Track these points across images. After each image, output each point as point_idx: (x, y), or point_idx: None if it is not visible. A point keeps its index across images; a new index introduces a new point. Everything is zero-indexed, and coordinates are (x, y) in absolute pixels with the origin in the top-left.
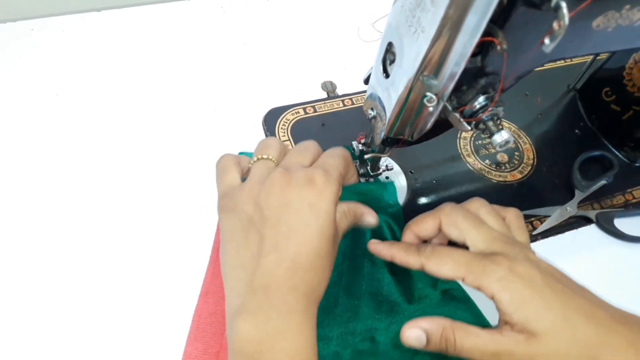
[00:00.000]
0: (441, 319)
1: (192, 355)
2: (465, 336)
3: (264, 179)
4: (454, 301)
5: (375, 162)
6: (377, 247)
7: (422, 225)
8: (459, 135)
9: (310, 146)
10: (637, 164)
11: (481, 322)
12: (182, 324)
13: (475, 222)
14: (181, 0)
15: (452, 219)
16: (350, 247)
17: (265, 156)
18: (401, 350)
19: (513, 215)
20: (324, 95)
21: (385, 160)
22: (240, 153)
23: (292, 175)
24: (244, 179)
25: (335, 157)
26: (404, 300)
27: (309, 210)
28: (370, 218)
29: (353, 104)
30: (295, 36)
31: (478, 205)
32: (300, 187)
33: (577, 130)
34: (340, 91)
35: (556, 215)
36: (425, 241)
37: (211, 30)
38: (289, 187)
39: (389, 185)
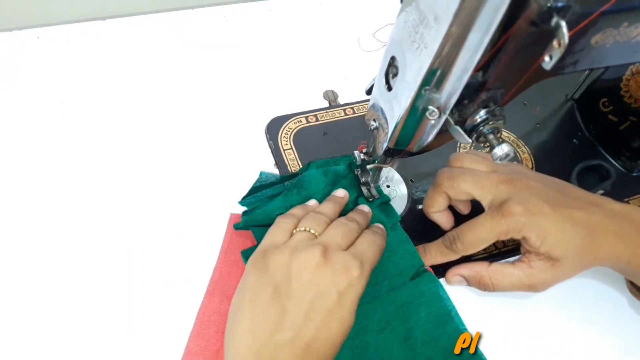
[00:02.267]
0: (478, 266)
1: (194, 352)
2: (502, 278)
3: (301, 248)
4: (421, 285)
5: (377, 172)
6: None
7: (437, 205)
8: (458, 145)
9: (353, 228)
10: (634, 174)
11: (445, 304)
12: (186, 320)
13: (473, 179)
14: (185, 9)
15: (455, 190)
16: None
17: (312, 231)
18: (368, 330)
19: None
20: (326, 104)
21: (388, 171)
22: (262, 173)
23: (329, 257)
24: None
25: (373, 249)
26: (378, 283)
27: (337, 298)
28: None
29: (354, 112)
30: (297, 46)
31: (460, 159)
32: (335, 273)
33: (575, 140)
34: (341, 100)
35: None
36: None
37: (214, 39)
38: (324, 268)
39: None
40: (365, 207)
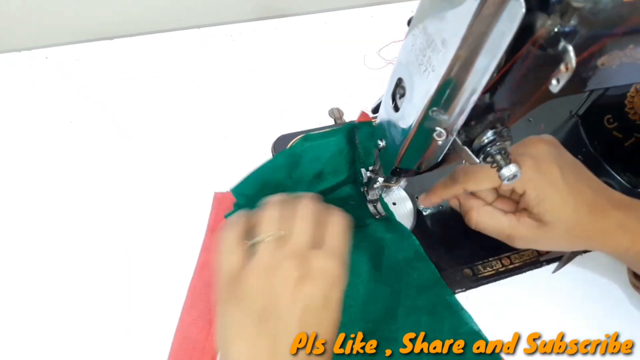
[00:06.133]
0: (474, 200)
1: (187, 322)
2: (488, 218)
3: (274, 265)
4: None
5: (383, 189)
6: (426, 201)
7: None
8: (464, 162)
9: (311, 215)
10: (639, 189)
11: (460, 313)
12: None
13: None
14: (192, 28)
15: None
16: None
17: (274, 236)
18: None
19: None
20: (331, 121)
21: (395, 188)
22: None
23: (308, 265)
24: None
25: (341, 235)
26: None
27: (323, 303)
28: None
29: None
30: (302, 64)
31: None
32: (317, 279)
33: (579, 156)
34: (347, 118)
35: None
36: None
37: (221, 58)
38: (305, 279)
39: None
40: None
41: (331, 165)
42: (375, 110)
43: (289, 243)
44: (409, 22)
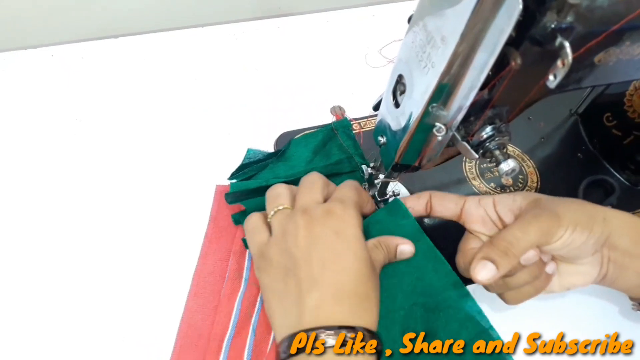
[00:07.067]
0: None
1: (193, 309)
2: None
3: (286, 227)
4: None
5: (383, 186)
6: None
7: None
8: (464, 159)
9: (316, 179)
10: (638, 187)
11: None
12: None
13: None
14: (195, 27)
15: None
16: None
17: (280, 207)
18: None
19: None
20: (333, 119)
21: (395, 185)
22: (249, 150)
23: (311, 213)
24: None
25: (346, 188)
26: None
27: (336, 238)
28: (406, 247)
29: (361, 128)
30: (305, 62)
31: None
32: (322, 220)
33: (579, 154)
34: (348, 116)
35: None
36: None
37: (224, 56)
38: (311, 224)
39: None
40: None
41: (320, 150)
42: (376, 107)
43: (295, 206)
44: (409, 20)
